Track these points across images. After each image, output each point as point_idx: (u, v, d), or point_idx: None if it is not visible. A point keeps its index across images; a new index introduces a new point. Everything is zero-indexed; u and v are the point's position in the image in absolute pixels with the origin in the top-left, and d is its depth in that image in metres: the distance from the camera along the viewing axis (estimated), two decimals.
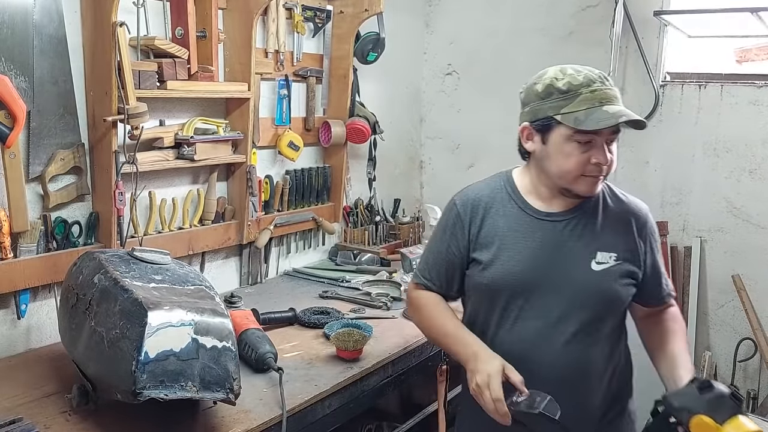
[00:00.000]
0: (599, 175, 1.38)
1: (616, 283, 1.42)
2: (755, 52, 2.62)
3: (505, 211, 1.49)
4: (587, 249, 1.43)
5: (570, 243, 1.43)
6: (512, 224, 1.48)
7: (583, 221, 1.44)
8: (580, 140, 1.35)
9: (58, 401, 1.46)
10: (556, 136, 1.37)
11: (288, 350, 1.78)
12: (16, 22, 1.65)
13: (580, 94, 1.34)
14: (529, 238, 1.45)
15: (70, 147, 1.80)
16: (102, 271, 1.41)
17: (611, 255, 1.42)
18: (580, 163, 1.36)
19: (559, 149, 1.37)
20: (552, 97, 1.37)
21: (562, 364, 1.43)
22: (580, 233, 1.44)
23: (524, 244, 1.45)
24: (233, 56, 2.18)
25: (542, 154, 1.42)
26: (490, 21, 3.00)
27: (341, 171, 2.67)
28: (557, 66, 1.41)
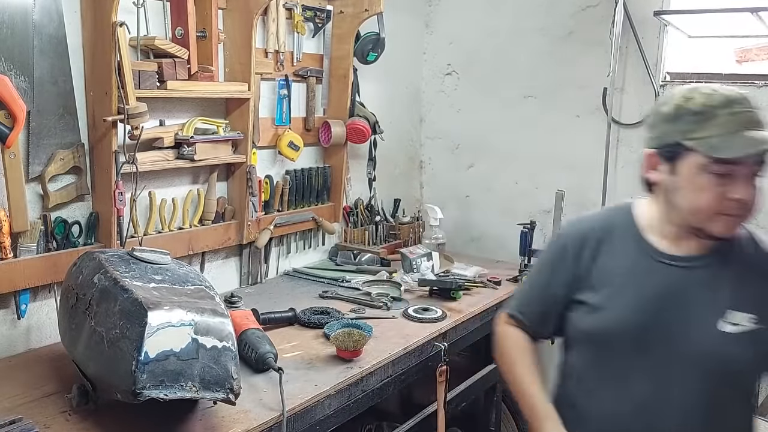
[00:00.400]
0: (740, 213, 1.18)
1: (750, 353, 1.18)
2: (755, 52, 2.62)
3: (621, 249, 1.30)
4: (716, 305, 1.20)
5: (696, 294, 1.21)
6: (628, 264, 1.28)
7: (715, 270, 1.21)
8: (718, 171, 1.15)
9: (58, 401, 1.46)
10: (688, 165, 1.19)
11: (288, 350, 1.78)
12: (16, 22, 1.65)
13: (716, 116, 1.15)
14: (646, 283, 1.25)
15: (70, 147, 1.80)
16: (102, 271, 1.41)
17: (749, 316, 1.18)
18: (716, 198, 1.16)
19: (691, 181, 1.18)
20: (683, 120, 1.19)
21: None
22: (710, 284, 1.21)
23: (638, 290, 1.25)
24: (233, 56, 2.18)
25: (671, 187, 1.23)
26: (490, 21, 3.00)
27: (341, 171, 2.67)
28: (689, 85, 1.25)
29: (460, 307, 2.18)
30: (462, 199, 3.18)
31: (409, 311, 2.10)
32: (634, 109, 2.70)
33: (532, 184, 2.91)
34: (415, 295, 2.31)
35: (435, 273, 2.48)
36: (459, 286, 2.28)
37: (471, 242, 3.15)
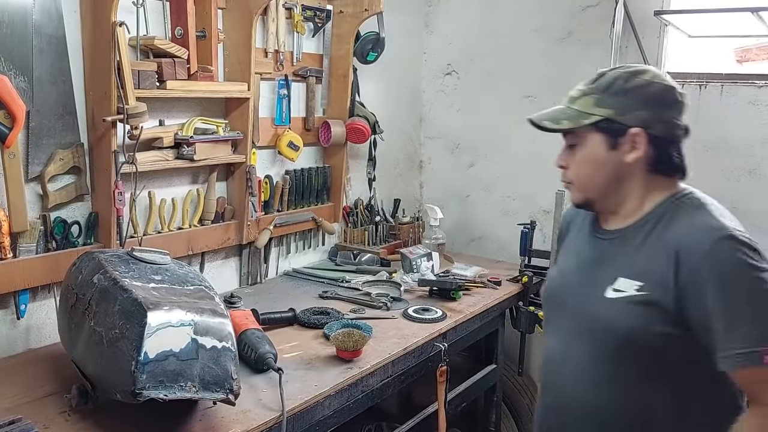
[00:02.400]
0: (565, 181, 1.34)
1: (631, 319, 1.21)
2: (755, 52, 2.62)
3: (581, 227, 1.43)
4: (611, 273, 1.26)
5: (602, 264, 1.30)
6: (578, 240, 1.42)
7: (626, 242, 1.28)
8: (563, 145, 1.34)
9: (57, 401, 1.46)
10: None
11: (288, 350, 1.78)
12: (16, 22, 1.65)
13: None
14: (577, 255, 1.38)
15: (69, 147, 1.80)
16: (101, 271, 1.41)
17: (635, 284, 1.22)
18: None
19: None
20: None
21: (573, 394, 1.32)
22: (615, 255, 1.29)
23: (570, 260, 1.39)
24: (233, 56, 2.17)
25: None
26: (489, 21, 3.00)
27: (341, 171, 2.66)
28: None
29: (460, 308, 2.18)
30: (462, 199, 3.18)
31: (408, 311, 2.10)
32: None
33: (532, 184, 2.91)
34: (415, 295, 2.31)
35: (435, 273, 2.47)
36: (459, 287, 2.27)
37: (471, 242, 3.15)
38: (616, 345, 1.24)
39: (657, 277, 1.20)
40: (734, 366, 1.13)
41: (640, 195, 1.29)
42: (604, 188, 1.30)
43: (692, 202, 1.26)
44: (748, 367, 1.12)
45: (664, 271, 1.19)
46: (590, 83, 1.30)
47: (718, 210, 1.25)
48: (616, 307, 1.23)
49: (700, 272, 1.16)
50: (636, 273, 1.23)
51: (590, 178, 1.29)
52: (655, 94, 1.24)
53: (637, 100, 1.24)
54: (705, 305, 1.15)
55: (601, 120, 1.25)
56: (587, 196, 1.32)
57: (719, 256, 1.15)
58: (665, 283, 1.19)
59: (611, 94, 1.25)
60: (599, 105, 1.26)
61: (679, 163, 1.29)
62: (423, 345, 1.93)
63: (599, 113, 1.25)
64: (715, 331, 1.14)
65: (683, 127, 1.28)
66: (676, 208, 1.26)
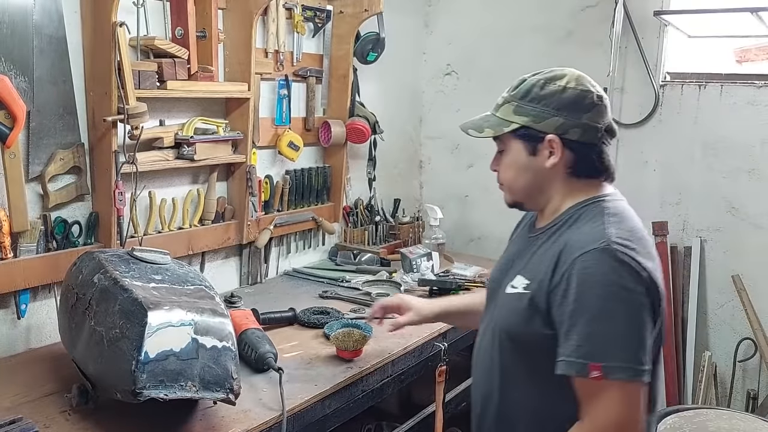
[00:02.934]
0: (499, 183, 1.38)
1: (515, 314, 1.26)
2: (755, 52, 2.62)
3: (524, 224, 1.48)
4: (516, 269, 1.33)
5: (516, 260, 1.36)
6: (516, 235, 1.49)
7: (536, 243, 1.33)
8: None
9: (57, 401, 1.46)
10: None
11: (288, 350, 1.78)
12: (16, 22, 1.65)
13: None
14: (510, 250, 1.45)
15: (69, 147, 1.80)
16: (102, 270, 1.41)
17: (525, 282, 1.27)
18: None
19: None
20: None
21: (476, 382, 1.41)
22: (526, 252, 1.34)
23: (506, 254, 1.45)
24: (233, 56, 2.18)
25: None
26: (489, 21, 3.00)
27: (341, 171, 2.67)
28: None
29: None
30: (462, 199, 3.18)
31: None
32: (634, 110, 2.71)
33: None
34: (415, 295, 2.29)
35: (435, 273, 2.48)
36: (459, 286, 2.28)
37: (471, 242, 3.15)
38: (503, 338, 1.31)
39: (540, 277, 1.23)
40: (564, 371, 1.15)
41: (560, 198, 1.32)
42: (528, 191, 1.33)
43: (596, 208, 1.27)
44: (577, 377, 1.15)
45: (545, 271, 1.22)
46: (512, 90, 1.32)
47: (616, 219, 1.23)
48: (507, 302, 1.30)
49: (567, 277, 1.18)
50: (528, 272, 1.28)
51: (514, 181, 1.34)
52: (570, 100, 1.25)
53: (553, 107, 1.25)
54: (563, 309, 1.17)
55: (519, 128, 1.28)
56: (514, 198, 1.37)
57: (586, 265, 1.16)
58: (543, 283, 1.22)
59: (528, 102, 1.27)
60: (517, 113, 1.28)
61: (600, 166, 1.30)
62: (423, 345, 1.93)
63: (517, 121, 1.28)
64: (561, 337, 1.17)
65: (603, 129, 1.28)
66: (581, 214, 1.27)
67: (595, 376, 1.11)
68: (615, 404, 1.12)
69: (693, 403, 2.60)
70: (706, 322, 2.65)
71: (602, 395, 1.13)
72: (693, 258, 2.62)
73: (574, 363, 1.13)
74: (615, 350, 1.12)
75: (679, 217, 2.66)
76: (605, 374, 1.11)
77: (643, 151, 2.71)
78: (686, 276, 2.65)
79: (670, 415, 1.88)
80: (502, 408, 1.33)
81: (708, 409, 2.01)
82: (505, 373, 1.32)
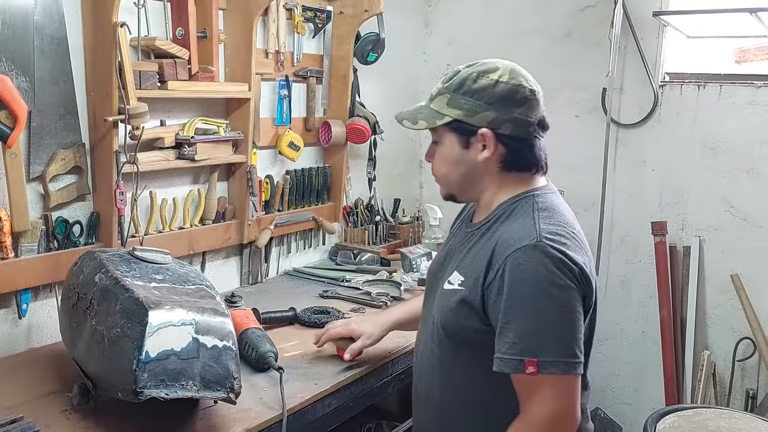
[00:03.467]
0: (434, 175, 1.38)
1: (450, 310, 1.27)
2: (754, 53, 2.63)
3: (462, 218, 1.49)
4: (453, 265, 1.33)
5: (454, 255, 1.36)
6: (454, 230, 1.48)
7: (472, 238, 1.33)
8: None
9: (58, 400, 1.47)
10: None
11: (288, 349, 1.79)
12: (17, 22, 1.66)
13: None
14: (448, 244, 1.44)
15: (70, 147, 1.80)
16: (103, 270, 1.42)
17: (460, 278, 1.27)
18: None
19: None
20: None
21: (419, 375, 1.42)
22: (463, 248, 1.34)
23: (445, 249, 1.45)
24: (234, 56, 2.18)
25: None
26: (488, 21, 3.01)
27: (341, 171, 2.67)
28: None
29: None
30: None
31: None
32: (634, 110, 2.71)
33: None
34: (415, 294, 2.30)
35: None
36: None
37: None
38: (441, 333, 1.31)
39: (475, 274, 1.24)
40: (500, 368, 1.17)
41: (493, 191, 1.32)
42: (461, 184, 1.34)
43: (526, 204, 1.27)
44: (514, 373, 1.16)
45: (480, 269, 1.23)
46: (446, 81, 1.31)
47: (546, 215, 1.24)
48: (443, 298, 1.30)
49: (500, 274, 1.18)
50: (463, 268, 1.28)
51: (447, 174, 1.34)
52: (502, 95, 1.25)
53: (485, 101, 1.25)
54: (497, 306, 1.18)
55: (453, 121, 1.27)
56: (448, 190, 1.38)
57: (517, 262, 1.17)
58: (478, 281, 1.23)
59: (461, 95, 1.27)
60: (450, 105, 1.28)
61: (531, 160, 1.30)
62: None
63: (450, 114, 1.27)
64: (496, 333, 1.18)
65: (535, 123, 1.27)
66: (513, 209, 1.28)
67: (531, 371, 1.13)
68: (551, 398, 1.14)
69: (692, 402, 2.60)
70: (705, 322, 2.65)
71: (538, 390, 1.15)
72: (692, 258, 2.62)
73: (510, 360, 1.15)
74: (548, 346, 1.14)
75: (678, 216, 2.66)
76: (540, 369, 1.13)
77: (642, 151, 2.71)
78: (685, 275, 2.65)
79: (669, 414, 1.88)
80: (443, 400, 1.34)
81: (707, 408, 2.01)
82: (445, 366, 1.33)
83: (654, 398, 2.69)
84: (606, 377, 2.87)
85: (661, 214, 2.67)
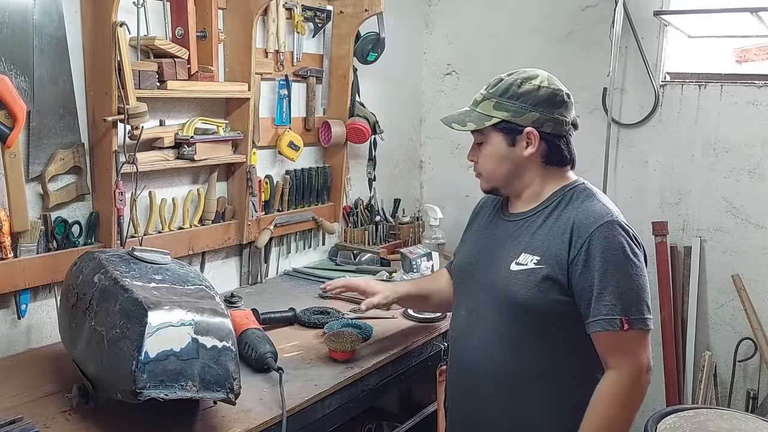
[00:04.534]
0: (476, 173, 1.53)
1: (530, 288, 1.38)
2: (755, 52, 2.62)
3: (488, 212, 1.61)
4: (515, 249, 1.44)
5: (507, 242, 1.48)
6: (484, 222, 1.60)
7: (529, 223, 1.46)
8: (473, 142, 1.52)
9: (58, 401, 1.46)
10: None
11: (288, 350, 1.78)
12: (16, 22, 1.66)
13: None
14: (486, 234, 1.56)
15: (70, 147, 1.80)
16: (102, 270, 1.41)
17: (534, 258, 1.40)
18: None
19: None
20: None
21: (476, 360, 1.48)
22: (519, 234, 1.46)
23: (479, 239, 1.57)
24: (233, 56, 2.18)
25: None
26: (489, 21, 3.00)
27: (341, 171, 2.67)
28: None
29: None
30: (462, 199, 3.17)
31: (409, 311, 2.10)
32: (634, 110, 2.71)
33: None
34: None
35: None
36: None
37: None
38: (518, 310, 1.41)
39: (552, 252, 1.38)
40: (597, 328, 1.33)
41: (540, 183, 1.48)
42: (506, 178, 1.49)
43: (584, 191, 1.46)
44: (608, 331, 1.32)
45: (559, 247, 1.38)
46: (490, 88, 1.47)
47: (605, 199, 1.45)
48: (519, 278, 1.41)
49: (586, 248, 1.35)
50: (535, 249, 1.41)
51: (494, 170, 1.49)
52: (544, 98, 1.42)
53: (529, 103, 1.42)
54: (586, 276, 1.34)
55: (500, 122, 1.43)
56: (493, 185, 1.52)
57: (603, 236, 1.34)
58: (559, 257, 1.37)
59: (507, 98, 1.43)
60: (497, 108, 1.44)
61: (568, 155, 1.48)
62: (423, 345, 1.93)
63: (498, 115, 1.44)
64: (589, 299, 1.34)
65: (570, 122, 1.46)
66: (570, 196, 1.45)
67: (626, 328, 1.31)
68: (637, 350, 1.34)
69: (693, 402, 2.60)
70: (706, 322, 2.65)
71: (628, 344, 1.33)
72: (693, 258, 2.62)
73: (612, 320, 1.32)
74: (636, 305, 1.33)
75: (679, 217, 2.66)
76: (632, 326, 1.31)
77: (643, 151, 2.71)
78: (686, 276, 2.65)
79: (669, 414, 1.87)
80: (506, 375, 1.44)
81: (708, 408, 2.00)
82: (516, 343, 1.43)
83: (655, 399, 2.69)
84: None
85: (662, 215, 2.67)
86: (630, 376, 1.34)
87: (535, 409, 1.43)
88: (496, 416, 1.47)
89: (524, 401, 1.44)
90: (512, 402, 1.45)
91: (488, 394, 1.47)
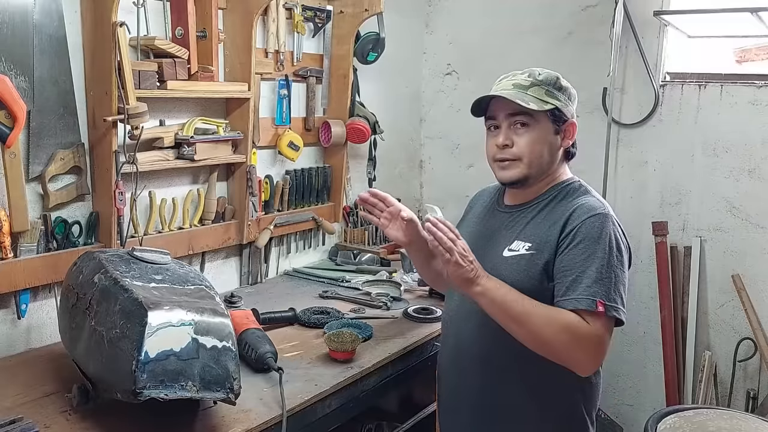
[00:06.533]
0: (504, 158, 1.47)
1: (521, 273, 1.41)
2: (755, 52, 2.62)
3: (484, 203, 1.64)
4: (509, 237, 1.48)
5: (502, 231, 1.51)
6: (479, 213, 1.63)
7: (524, 214, 1.50)
8: (488, 126, 1.53)
9: (58, 401, 1.46)
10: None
11: (288, 350, 1.78)
12: (16, 22, 1.66)
13: (491, 90, 1.50)
14: (481, 224, 1.59)
15: (70, 147, 1.80)
16: (102, 270, 1.41)
17: (526, 245, 1.44)
18: (490, 148, 1.51)
19: (485, 139, 1.55)
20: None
21: (465, 341, 1.52)
22: (513, 223, 1.50)
23: (474, 228, 1.59)
24: (233, 56, 2.18)
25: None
26: (489, 21, 3.00)
27: (341, 171, 2.67)
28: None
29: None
30: (462, 199, 3.15)
31: (409, 311, 2.10)
32: (634, 109, 2.71)
33: None
34: (415, 295, 2.31)
35: None
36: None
37: None
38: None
39: (544, 239, 1.42)
40: (569, 306, 1.33)
41: (552, 176, 1.51)
42: (546, 165, 1.49)
43: (580, 187, 1.50)
44: (582, 311, 1.33)
45: (550, 234, 1.42)
46: (535, 77, 1.46)
47: (598, 195, 1.50)
48: (509, 263, 1.44)
49: (575, 232, 1.38)
50: (528, 236, 1.45)
51: (540, 156, 1.47)
52: (573, 95, 1.50)
53: (569, 97, 1.48)
54: (570, 257, 1.37)
55: (554, 108, 1.45)
56: (530, 171, 1.47)
57: (593, 225, 1.38)
58: (549, 242, 1.41)
59: (556, 89, 1.47)
60: (549, 96, 1.46)
61: (574, 151, 1.55)
62: (423, 345, 1.93)
63: (552, 102, 1.45)
64: (568, 279, 1.36)
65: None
66: (567, 191, 1.49)
67: (600, 310, 1.32)
68: (603, 330, 1.34)
69: (693, 402, 2.60)
70: (707, 322, 2.65)
71: (599, 322, 1.33)
72: (693, 258, 2.62)
73: (585, 300, 1.33)
74: (613, 294, 1.34)
75: (679, 217, 2.66)
76: (606, 311, 1.33)
77: (643, 151, 2.71)
78: (686, 276, 2.65)
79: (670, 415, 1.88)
80: (490, 354, 1.48)
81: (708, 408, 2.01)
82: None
83: (655, 399, 2.69)
84: (607, 378, 2.85)
85: (662, 215, 2.67)
86: (587, 330, 1.32)
87: (517, 389, 1.46)
88: (480, 395, 1.50)
89: (507, 381, 1.47)
90: (495, 381, 1.48)
91: (473, 374, 1.51)
